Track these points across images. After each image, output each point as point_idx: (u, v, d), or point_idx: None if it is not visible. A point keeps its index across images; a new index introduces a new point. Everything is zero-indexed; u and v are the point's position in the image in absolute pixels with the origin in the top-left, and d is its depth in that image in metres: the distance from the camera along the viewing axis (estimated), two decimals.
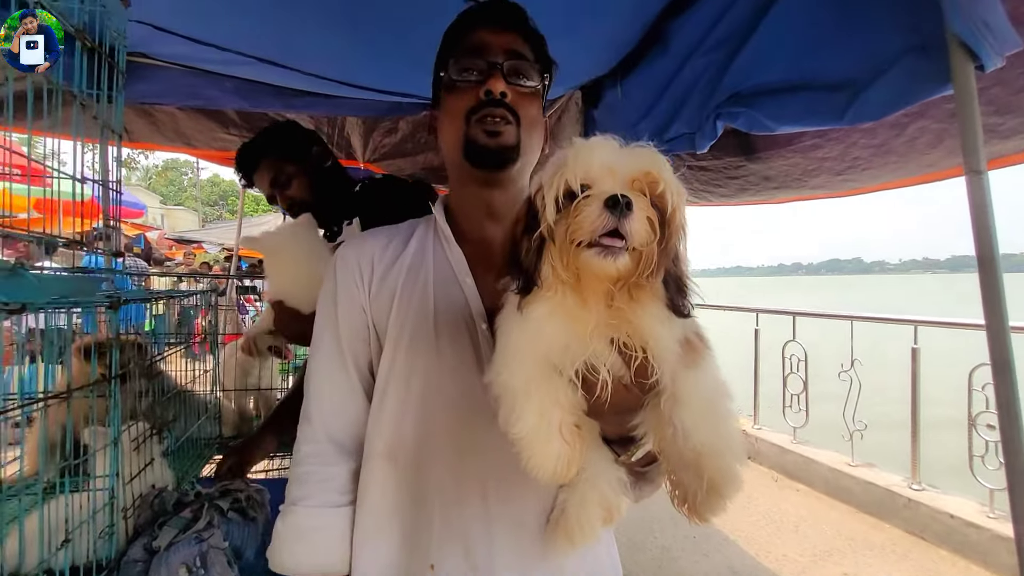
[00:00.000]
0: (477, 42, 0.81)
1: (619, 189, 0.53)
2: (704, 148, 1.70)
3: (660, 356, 0.55)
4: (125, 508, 1.17)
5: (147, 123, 2.86)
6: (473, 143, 0.79)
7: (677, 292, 0.57)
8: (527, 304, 0.57)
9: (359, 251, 0.86)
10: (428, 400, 0.78)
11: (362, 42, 1.94)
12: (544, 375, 0.56)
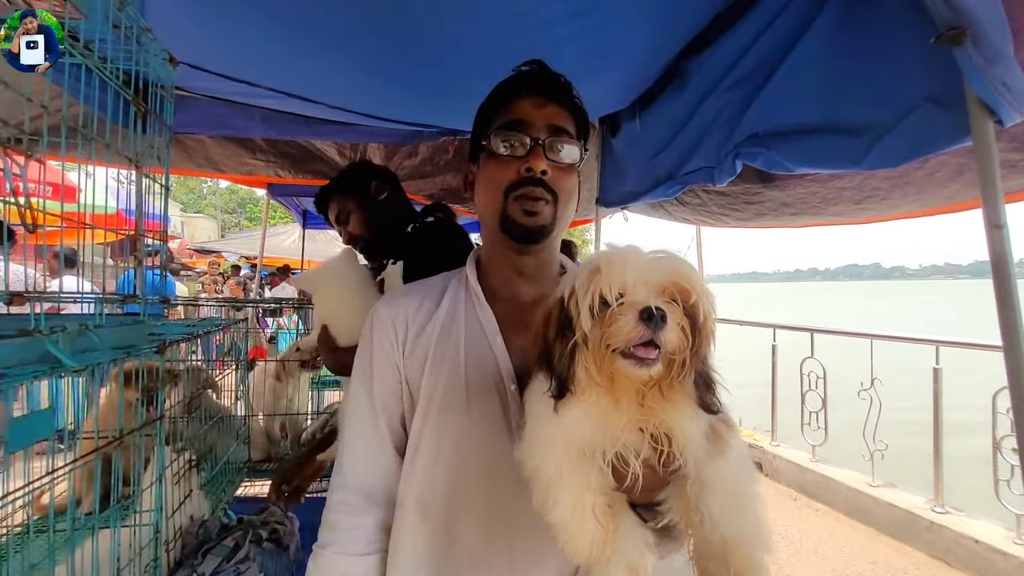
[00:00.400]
0: (520, 114, 0.83)
1: (652, 299, 0.56)
2: (723, 183, 1.73)
3: (685, 447, 0.58)
4: (167, 541, 1.23)
5: (179, 150, 2.97)
6: (510, 220, 0.82)
7: (706, 390, 0.60)
8: (562, 406, 0.59)
9: (394, 310, 0.89)
10: (458, 459, 0.80)
11: (384, 78, 2.01)
12: (576, 461, 0.59)
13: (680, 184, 1.92)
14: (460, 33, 1.67)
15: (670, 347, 0.56)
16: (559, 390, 0.59)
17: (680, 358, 0.57)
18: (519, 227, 0.82)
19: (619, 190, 2.45)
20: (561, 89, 0.87)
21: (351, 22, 1.66)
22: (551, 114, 0.83)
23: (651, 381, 0.57)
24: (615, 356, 0.56)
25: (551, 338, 0.61)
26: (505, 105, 0.85)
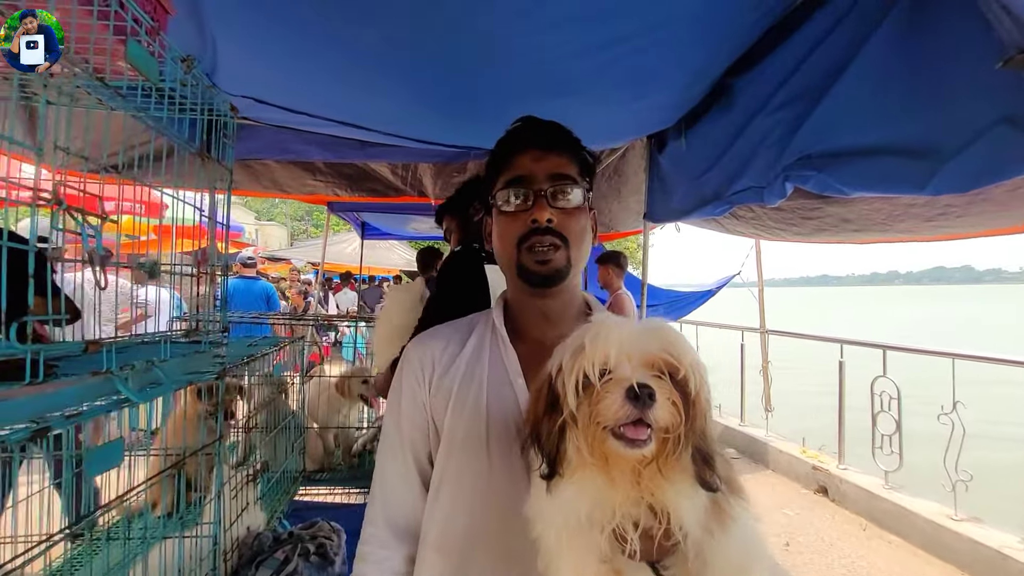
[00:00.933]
0: (521, 169, 0.86)
1: (639, 374, 0.54)
2: (773, 203, 1.66)
3: (683, 524, 0.55)
4: (225, 552, 1.33)
5: (247, 174, 3.20)
6: (525, 269, 0.85)
7: (705, 467, 0.57)
8: (554, 487, 0.58)
9: (422, 351, 0.91)
10: (477, 500, 0.81)
11: (435, 109, 2.08)
12: (575, 534, 0.57)
13: (727, 204, 1.85)
14: (504, 62, 1.71)
15: (662, 424, 0.54)
16: (549, 470, 0.58)
17: (675, 435, 0.55)
18: (534, 275, 0.85)
19: (666, 206, 2.40)
20: (556, 138, 0.89)
21: (415, 60, 1.74)
22: (550, 164, 0.86)
23: (645, 460, 0.55)
24: (606, 435, 0.54)
25: (539, 416, 0.60)
26: (507, 163, 0.89)
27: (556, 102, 1.78)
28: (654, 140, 2.40)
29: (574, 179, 0.87)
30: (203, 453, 1.24)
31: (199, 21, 1.67)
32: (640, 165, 2.90)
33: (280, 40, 1.76)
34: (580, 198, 0.87)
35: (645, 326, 0.60)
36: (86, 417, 0.78)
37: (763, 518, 2.94)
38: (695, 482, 0.56)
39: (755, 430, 5.48)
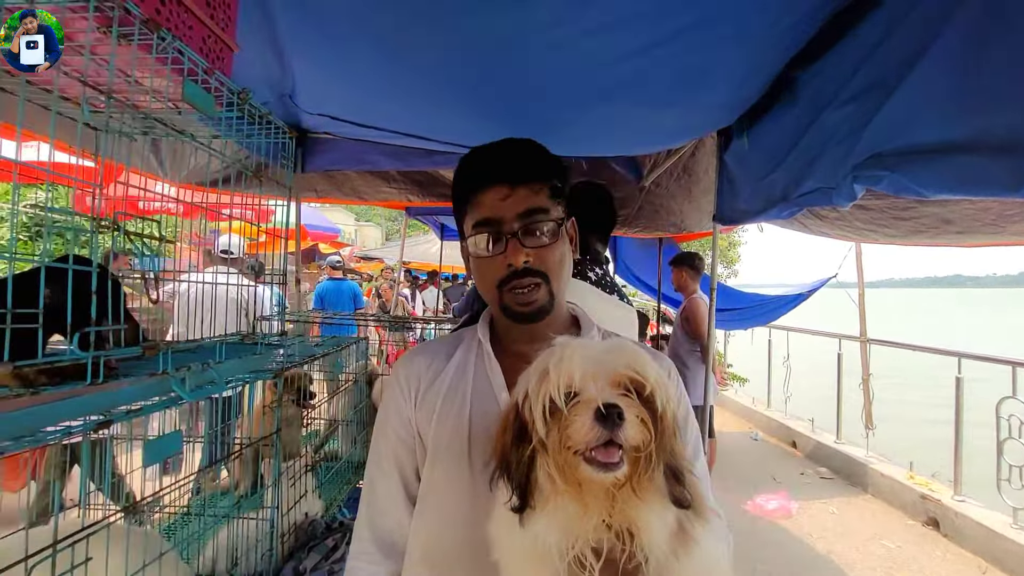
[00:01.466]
0: (489, 211, 0.82)
1: (605, 393, 0.53)
2: (845, 206, 1.50)
3: (648, 544, 0.54)
4: (283, 534, 1.46)
5: (331, 183, 3.48)
6: (509, 309, 0.84)
7: (676, 483, 0.56)
8: (525, 520, 0.57)
9: (408, 368, 0.92)
10: (460, 513, 0.80)
11: (494, 119, 2.13)
12: (539, 560, 0.56)
13: (795, 206, 1.70)
14: (557, 69, 1.70)
15: (633, 443, 0.53)
16: (520, 502, 0.56)
17: (646, 453, 0.53)
18: (518, 315, 0.84)
19: (734, 208, 2.25)
20: (521, 169, 0.84)
21: (476, 76, 1.80)
22: (519, 200, 0.82)
23: (619, 483, 0.53)
24: (578, 460, 0.53)
25: (507, 445, 0.59)
26: (473, 199, 0.85)
27: (602, 109, 1.74)
28: (722, 137, 2.27)
29: (545, 209, 0.83)
30: (262, 444, 1.38)
31: (280, 53, 1.86)
32: (711, 163, 2.74)
33: (352, 65, 1.90)
34: (554, 229, 0.84)
35: (608, 345, 0.59)
36: (145, 413, 0.90)
37: (858, 548, 2.71)
38: (667, 500, 0.55)
39: (853, 449, 4.96)
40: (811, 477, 4.88)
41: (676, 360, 4.25)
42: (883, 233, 2.32)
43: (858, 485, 4.62)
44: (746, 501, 4.24)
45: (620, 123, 1.99)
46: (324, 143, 3.04)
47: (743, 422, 6.84)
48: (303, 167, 3.10)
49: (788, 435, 5.86)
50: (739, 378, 8.32)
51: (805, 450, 5.50)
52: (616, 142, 2.44)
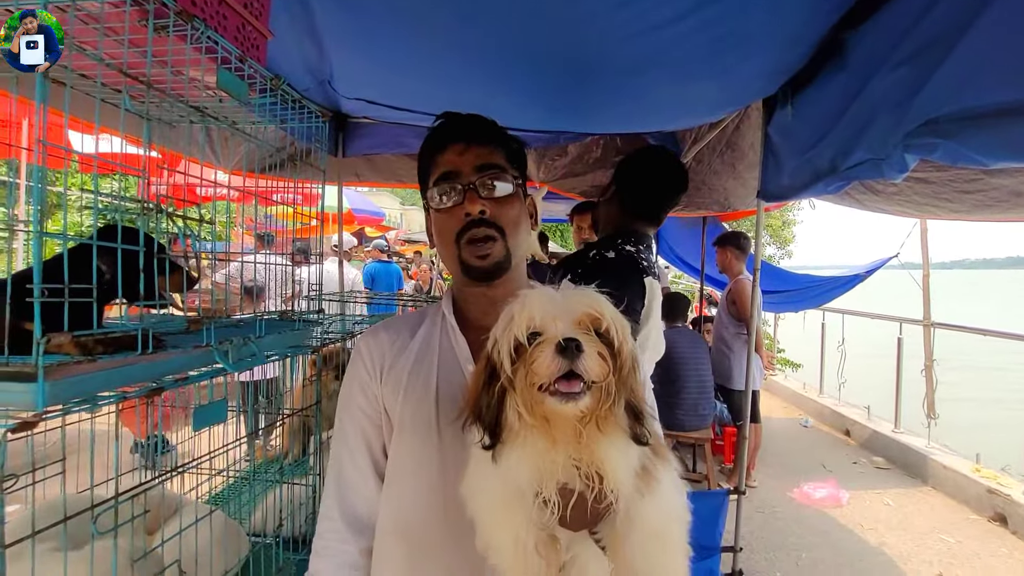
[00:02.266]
0: (447, 165, 0.87)
1: (567, 332, 0.57)
2: (895, 179, 1.41)
3: (616, 484, 0.57)
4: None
5: (371, 168, 3.56)
6: (466, 264, 0.86)
7: (635, 421, 0.59)
8: (497, 454, 0.61)
9: (372, 343, 0.92)
10: (431, 483, 0.81)
11: (525, 97, 2.12)
12: (512, 504, 0.60)
13: (843, 180, 1.61)
14: (590, 41, 1.66)
15: (592, 375, 0.56)
16: (491, 439, 0.61)
17: (605, 385, 0.57)
18: (475, 269, 0.85)
19: (777, 182, 2.15)
20: (478, 130, 0.89)
21: (511, 55, 1.79)
22: (475, 156, 0.86)
23: (583, 416, 0.57)
24: (543, 396, 0.57)
25: (479, 389, 0.63)
26: (433, 160, 0.89)
27: (637, 82, 1.69)
28: (766, 108, 2.16)
29: (502, 167, 0.86)
30: (304, 415, 1.46)
31: (318, 40, 1.92)
32: (757, 137, 2.62)
33: (386, 47, 1.93)
34: (510, 187, 0.87)
35: (568, 291, 0.62)
36: (191, 382, 0.97)
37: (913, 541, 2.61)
38: (628, 438, 0.59)
39: (913, 438, 4.70)
40: (865, 467, 4.67)
41: (720, 343, 4.14)
42: (946, 208, 2.15)
43: (917, 477, 4.38)
44: (792, 489, 4.11)
45: (656, 97, 1.93)
46: (363, 127, 3.11)
47: (793, 409, 6.59)
48: (344, 152, 3.18)
49: (841, 423, 5.61)
50: (791, 363, 7.99)
51: (859, 439, 5.25)
52: (653, 117, 2.37)
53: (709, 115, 2.31)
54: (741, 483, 2.69)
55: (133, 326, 0.82)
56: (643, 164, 1.66)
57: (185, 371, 0.94)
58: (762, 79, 1.70)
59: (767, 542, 3.35)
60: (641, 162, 1.67)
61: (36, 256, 0.66)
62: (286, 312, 1.33)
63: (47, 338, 0.68)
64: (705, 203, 3.65)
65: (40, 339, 0.68)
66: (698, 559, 2.77)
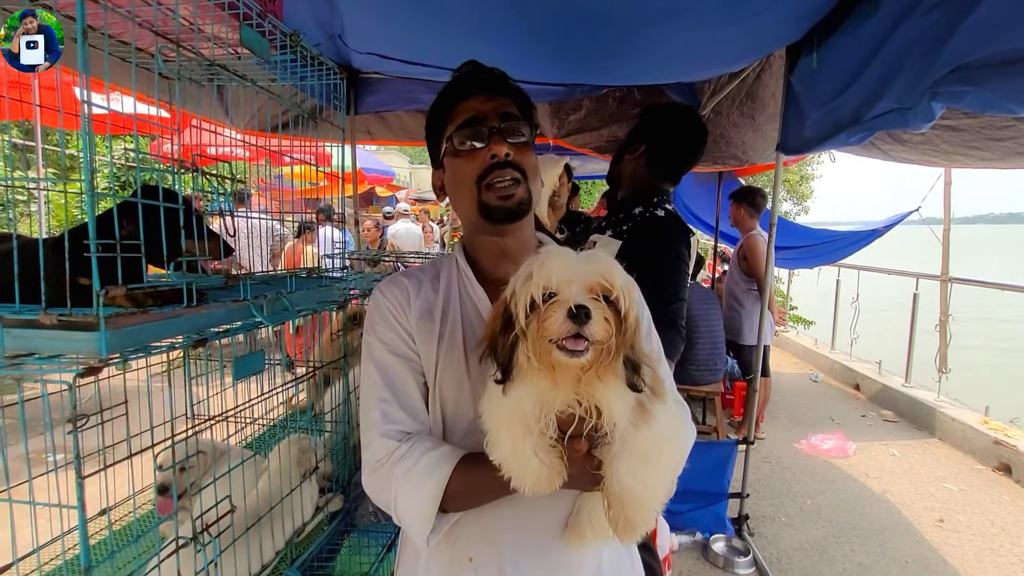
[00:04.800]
0: (472, 111, 0.88)
1: (579, 297, 0.62)
2: (920, 128, 1.38)
3: (611, 419, 0.65)
4: (355, 445, 1.64)
5: (382, 125, 3.53)
6: (488, 206, 0.87)
7: (633, 373, 0.65)
8: (507, 389, 0.68)
9: (395, 287, 0.92)
10: (468, 428, 0.84)
11: (541, 48, 2.07)
12: (516, 419, 0.67)
13: (866, 131, 1.58)
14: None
15: (597, 338, 0.62)
16: (503, 375, 0.68)
17: (607, 345, 0.63)
18: (498, 210, 0.86)
19: (799, 134, 2.11)
20: (499, 82, 0.91)
21: (533, 3, 1.73)
22: (498, 105, 0.88)
23: (585, 366, 0.64)
24: (551, 346, 0.63)
25: (496, 332, 0.69)
26: (455, 108, 0.90)
27: (656, 31, 1.64)
28: (790, 56, 2.09)
29: (521, 118, 0.89)
30: (332, 367, 1.53)
31: None
32: (779, 87, 2.54)
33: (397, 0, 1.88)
34: (528, 135, 0.89)
35: (585, 256, 0.67)
36: (231, 333, 1.03)
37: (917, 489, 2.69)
38: (625, 385, 0.65)
39: (922, 392, 4.75)
40: (873, 420, 4.75)
41: (731, 298, 4.16)
42: (975, 156, 2.10)
43: (924, 429, 4.46)
44: (799, 440, 4.21)
45: (676, 45, 1.87)
46: (375, 83, 3.06)
47: (803, 364, 6.65)
48: (356, 109, 3.15)
49: (851, 378, 5.67)
50: (803, 320, 7.99)
51: (869, 393, 5.31)
52: (673, 67, 2.31)
53: (731, 64, 2.25)
54: (750, 433, 2.77)
55: (178, 280, 0.86)
56: (670, 123, 1.63)
57: (225, 324, 1.00)
58: (788, 25, 1.64)
59: (773, 489, 3.47)
60: (668, 120, 1.64)
61: (90, 214, 0.70)
62: (313, 269, 1.37)
63: (105, 290, 0.73)
64: (723, 157, 3.58)
65: (99, 291, 0.73)
66: (706, 504, 2.91)
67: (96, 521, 1.21)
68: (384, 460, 0.82)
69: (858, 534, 2.98)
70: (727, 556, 2.67)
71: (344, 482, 1.58)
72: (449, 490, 0.77)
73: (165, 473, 1.24)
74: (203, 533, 0.96)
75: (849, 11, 1.49)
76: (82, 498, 0.75)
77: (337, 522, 1.53)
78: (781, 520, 3.13)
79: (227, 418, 1.12)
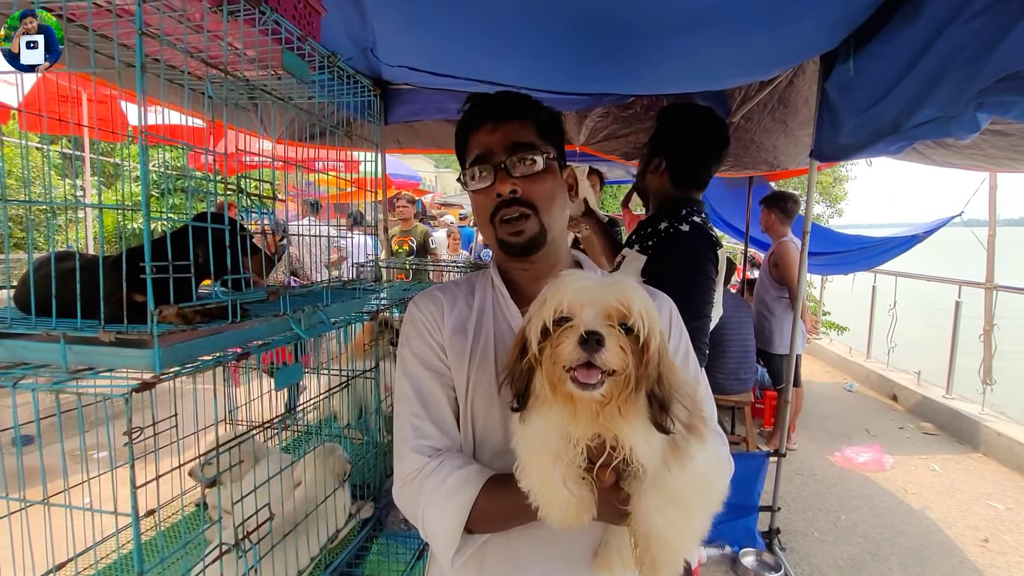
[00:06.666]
0: (480, 146, 0.88)
1: (591, 322, 0.59)
2: (965, 138, 1.34)
3: (637, 458, 0.60)
4: (385, 453, 1.67)
5: (412, 134, 3.59)
6: (503, 242, 0.88)
7: (660, 412, 0.60)
8: (524, 417, 0.66)
9: (430, 301, 0.93)
10: (497, 449, 0.84)
11: (566, 59, 2.08)
12: (543, 450, 0.65)
13: (906, 140, 1.54)
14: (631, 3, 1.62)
15: (612, 367, 0.58)
16: (517, 403, 0.66)
17: (625, 376, 0.58)
18: (511, 246, 0.87)
19: (834, 142, 2.06)
20: (508, 107, 0.88)
21: (562, 9, 1.75)
22: (505, 134, 0.86)
23: (604, 399, 0.59)
24: (566, 376, 0.60)
25: (513, 358, 0.67)
26: (467, 142, 0.91)
27: (687, 41, 1.63)
28: (824, 63, 2.04)
29: (532, 144, 0.86)
30: (365, 377, 1.56)
31: (360, 8, 1.93)
32: (812, 92, 2.49)
33: (428, 12, 1.92)
34: (542, 163, 0.86)
35: (604, 280, 0.63)
36: (272, 347, 1.07)
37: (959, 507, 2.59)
38: (650, 423, 0.60)
39: (965, 404, 4.55)
40: (912, 432, 4.57)
41: (761, 306, 4.07)
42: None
43: (967, 443, 4.27)
44: (833, 453, 4.09)
45: (708, 55, 1.85)
46: (404, 94, 3.12)
47: (837, 373, 6.45)
48: (386, 119, 3.21)
49: (888, 388, 5.47)
50: (836, 326, 7.76)
51: (907, 404, 5.12)
52: (703, 76, 2.28)
53: (763, 73, 2.21)
54: (782, 445, 2.71)
55: (224, 298, 0.90)
56: (685, 130, 1.60)
57: (266, 338, 1.04)
58: (824, 32, 1.60)
59: (805, 503, 3.38)
60: (683, 128, 1.61)
61: (147, 237, 0.74)
62: (348, 281, 1.41)
63: (159, 310, 0.77)
64: (753, 162, 3.52)
65: (153, 311, 0.76)
66: (736, 517, 2.85)
67: (142, 519, 1.27)
68: (414, 475, 0.84)
69: (896, 552, 2.88)
70: (757, 571, 2.62)
71: (375, 488, 1.61)
72: (475, 512, 0.78)
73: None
74: (244, 540, 1.00)
75: (888, 17, 1.45)
76: (136, 507, 0.79)
77: (368, 528, 1.56)
78: (814, 535, 3.05)
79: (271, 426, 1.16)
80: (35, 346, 0.82)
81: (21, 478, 0.87)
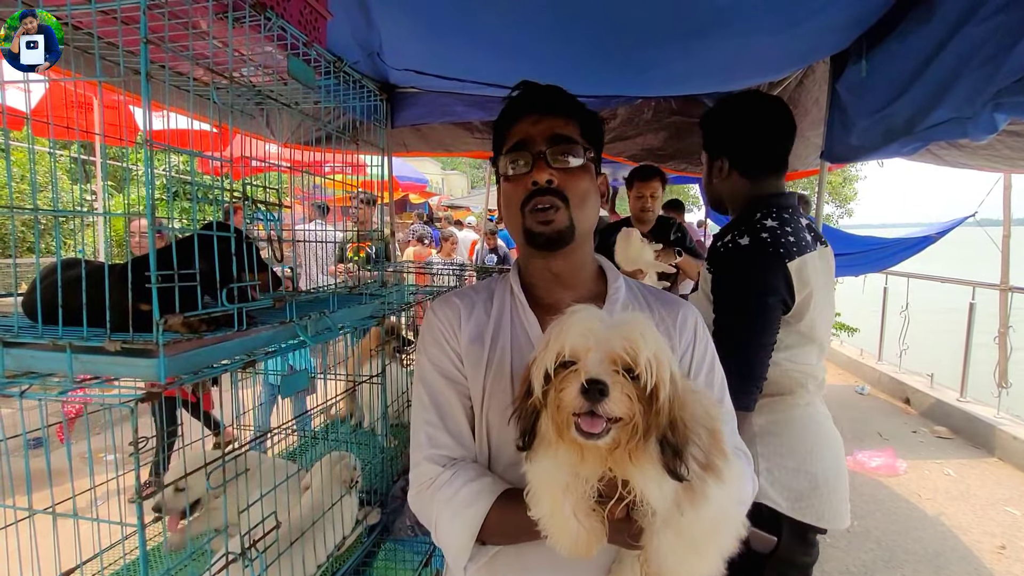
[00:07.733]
0: (521, 134, 0.86)
1: (597, 367, 0.56)
2: (981, 140, 1.31)
3: (647, 501, 0.58)
4: (392, 457, 1.67)
5: (418, 137, 3.59)
6: (530, 232, 0.86)
7: (673, 458, 0.57)
8: (531, 456, 0.64)
9: (448, 307, 0.93)
10: (511, 460, 0.82)
11: (574, 65, 2.06)
12: (554, 484, 0.63)
13: (920, 141, 1.51)
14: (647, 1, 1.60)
15: (617, 416, 0.56)
16: (523, 443, 0.64)
17: (632, 424, 0.56)
18: (538, 236, 0.85)
19: (845, 143, 2.03)
20: (554, 101, 0.88)
21: (572, 11, 1.73)
22: (548, 126, 0.85)
23: (612, 446, 0.57)
24: (571, 420, 0.57)
25: (520, 395, 0.65)
26: (508, 130, 0.90)
27: (696, 43, 1.61)
28: (835, 64, 2.02)
29: (574, 140, 0.85)
30: (371, 382, 1.56)
31: (367, 11, 1.93)
32: (822, 93, 2.46)
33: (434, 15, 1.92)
34: (580, 159, 0.86)
35: (611, 321, 0.60)
36: (278, 354, 1.06)
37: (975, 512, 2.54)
38: (663, 470, 0.57)
39: (979, 407, 4.48)
40: (925, 436, 4.51)
41: None
42: None
43: (982, 447, 4.20)
44: (845, 457, 4.03)
45: (718, 55, 1.83)
46: (411, 98, 3.12)
47: (848, 375, 6.38)
48: (392, 123, 3.21)
49: (900, 391, 5.39)
50: (847, 327, 7.67)
51: (920, 407, 5.05)
52: (712, 78, 2.26)
53: (773, 73, 2.18)
54: None
55: (230, 307, 0.90)
56: (739, 120, 1.39)
57: (272, 345, 1.03)
58: (834, 33, 1.58)
59: None
60: (736, 120, 1.40)
61: (152, 248, 0.73)
62: (354, 287, 1.40)
63: (164, 319, 0.77)
64: None
65: (159, 320, 0.76)
66: None
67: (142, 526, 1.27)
68: (428, 484, 0.85)
69: (910, 559, 2.83)
70: None
71: (382, 494, 1.60)
72: (487, 524, 0.77)
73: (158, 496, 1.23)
74: (251, 549, 0.99)
75: (902, 16, 1.43)
76: (141, 516, 0.79)
77: (375, 534, 1.55)
78: (826, 541, 3.00)
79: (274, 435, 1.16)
80: (42, 355, 0.82)
81: (28, 485, 0.87)
